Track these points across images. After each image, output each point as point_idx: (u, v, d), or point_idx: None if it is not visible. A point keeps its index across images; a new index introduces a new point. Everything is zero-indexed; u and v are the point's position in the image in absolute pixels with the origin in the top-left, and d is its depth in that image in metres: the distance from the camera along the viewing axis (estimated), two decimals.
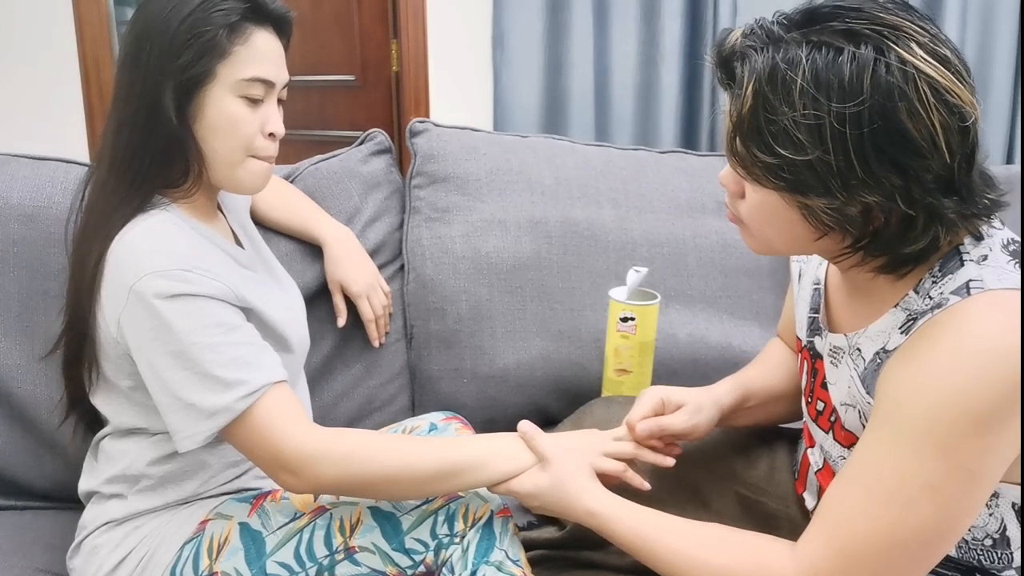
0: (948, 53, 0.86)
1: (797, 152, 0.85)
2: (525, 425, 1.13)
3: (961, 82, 0.85)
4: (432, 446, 1.12)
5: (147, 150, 1.09)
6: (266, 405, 1.03)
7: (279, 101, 1.15)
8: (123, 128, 1.09)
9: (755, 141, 0.88)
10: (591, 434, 1.18)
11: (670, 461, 1.15)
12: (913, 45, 0.84)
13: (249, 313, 1.11)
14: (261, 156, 1.13)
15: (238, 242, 1.24)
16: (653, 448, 1.15)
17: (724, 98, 0.92)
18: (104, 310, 1.07)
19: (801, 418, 1.25)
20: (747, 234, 1.00)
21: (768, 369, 1.28)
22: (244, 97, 1.09)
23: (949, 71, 0.85)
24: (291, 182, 1.56)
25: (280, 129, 1.14)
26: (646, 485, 1.13)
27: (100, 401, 1.16)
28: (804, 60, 0.84)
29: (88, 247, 1.09)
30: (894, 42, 0.84)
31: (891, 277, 0.94)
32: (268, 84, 1.11)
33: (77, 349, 1.13)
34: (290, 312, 1.24)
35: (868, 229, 0.89)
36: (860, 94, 0.83)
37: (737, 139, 0.90)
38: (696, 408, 1.17)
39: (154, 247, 1.05)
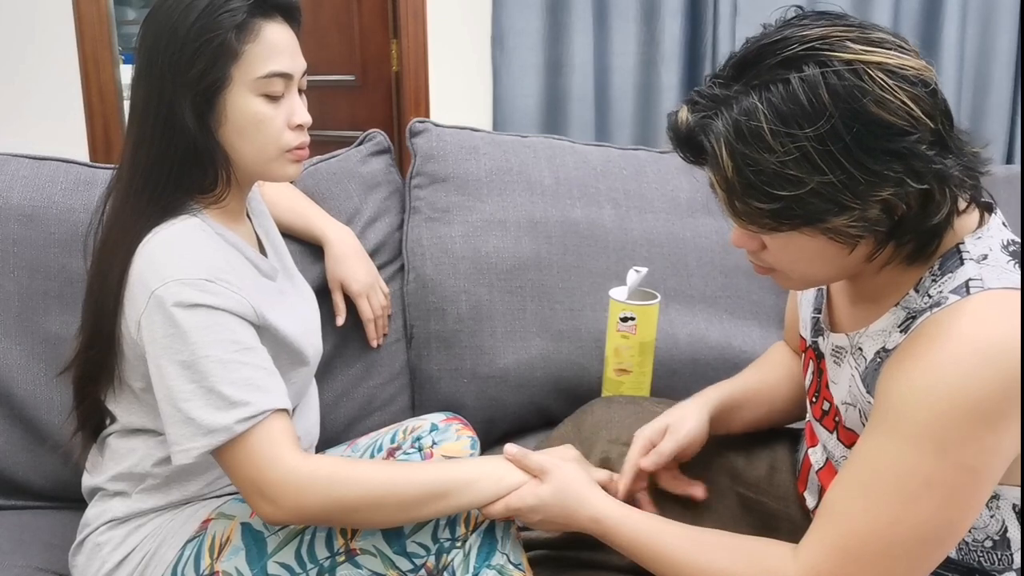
0: (881, 35, 0.88)
1: (797, 187, 0.85)
2: (511, 447, 1.13)
3: (906, 53, 0.87)
4: (417, 468, 1.12)
5: (168, 162, 1.07)
6: (263, 432, 1.02)
7: (300, 91, 1.14)
8: (142, 142, 1.08)
9: (752, 196, 0.88)
10: (569, 448, 1.18)
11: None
12: (848, 43, 0.85)
13: (265, 331, 1.10)
14: (294, 148, 1.12)
15: (262, 248, 1.24)
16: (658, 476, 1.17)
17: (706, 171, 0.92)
18: (126, 311, 1.06)
19: (799, 419, 1.25)
20: (782, 278, 1.00)
21: (765, 373, 1.29)
22: (264, 95, 1.08)
23: (891, 50, 0.86)
24: (291, 182, 1.56)
25: (306, 118, 1.13)
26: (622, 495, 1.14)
27: (110, 399, 1.16)
28: (760, 105, 0.85)
29: (110, 261, 1.08)
30: (830, 50, 0.85)
31: (919, 264, 0.93)
32: (286, 77, 1.10)
33: (96, 368, 1.12)
34: (307, 324, 1.24)
35: (894, 219, 0.89)
36: (825, 110, 0.83)
37: (735, 202, 0.90)
38: (678, 422, 1.17)
39: (179, 253, 1.05)
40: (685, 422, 1.17)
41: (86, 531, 1.18)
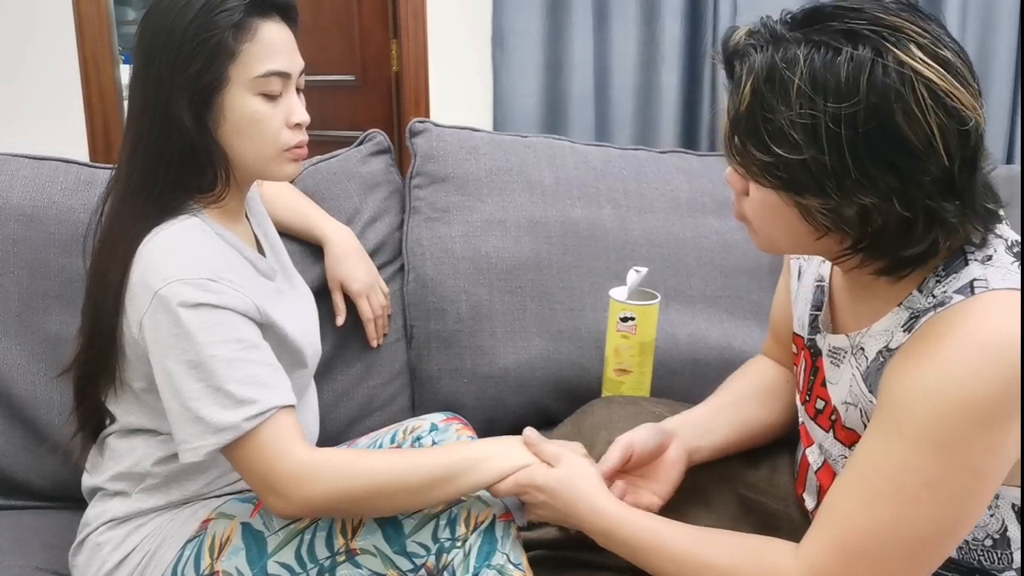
0: (950, 55, 0.85)
1: (792, 151, 0.86)
2: (531, 431, 1.14)
3: (963, 85, 0.85)
4: (424, 453, 1.13)
5: (166, 162, 1.07)
6: (271, 428, 1.03)
7: (298, 90, 1.14)
8: (140, 142, 1.08)
9: (752, 139, 0.88)
10: (579, 445, 1.18)
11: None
12: (912, 47, 0.84)
13: (268, 329, 1.10)
14: (292, 147, 1.12)
15: (260, 249, 1.24)
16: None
17: (724, 96, 0.93)
18: (128, 311, 1.06)
19: (787, 431, 1.24)
20: (752, 232, 1.01)
21: (734, 393, 1.27)
22: (262, 94, 1.08)
23: (949, 73, 0.84)
24: (290, 182, 1.55)
25: (304, 117, 1.13)
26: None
27: (110, 400, 1.16)
28: (802, 60, 0.85)
29: (109, 262, 1.08)
30: (893, 43, 0.84)
31: (891, 279, 0.94)
32: (284, 76, 1.10)
33: (96, 368, 1.12)
34: (305, 325, 1.24)
35: (867, 231, 0.89)
36: (856, 95, 0.83)
37: (735, 136, 0.90)
38: (624, 442, 1.16)
39: (181, 253, 1.05)
40: (630, 432, 1.16)
41: (86, 531, 1.18)
